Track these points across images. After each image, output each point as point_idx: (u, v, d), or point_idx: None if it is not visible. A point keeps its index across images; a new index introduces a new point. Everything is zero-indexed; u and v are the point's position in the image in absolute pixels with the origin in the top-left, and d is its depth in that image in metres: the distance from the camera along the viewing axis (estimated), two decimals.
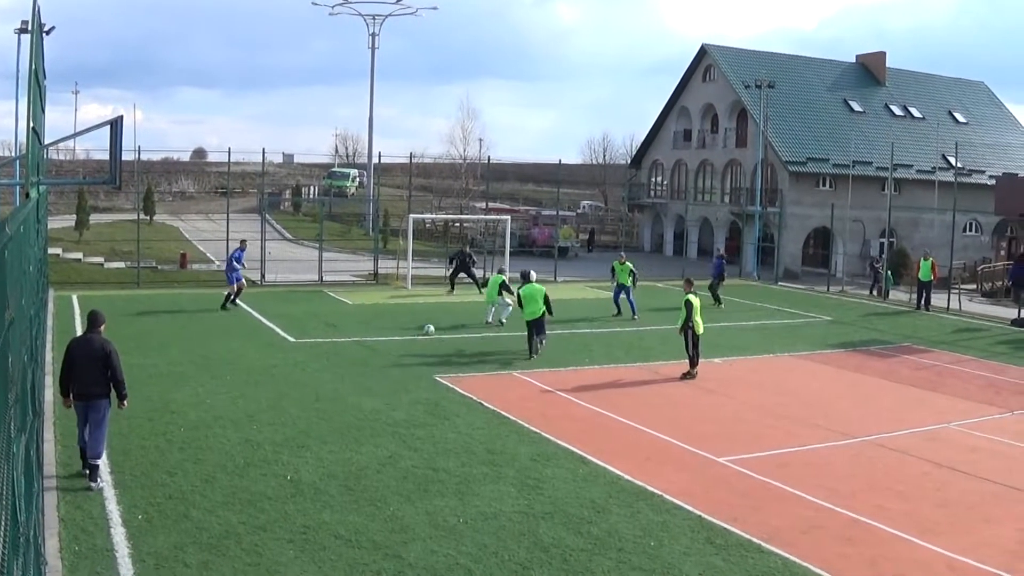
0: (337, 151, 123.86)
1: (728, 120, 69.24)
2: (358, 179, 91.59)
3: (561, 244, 58.97)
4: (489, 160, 60.16)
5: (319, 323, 33.40)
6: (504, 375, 25.44)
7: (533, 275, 29.86)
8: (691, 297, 26.56)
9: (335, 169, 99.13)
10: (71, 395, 15.42)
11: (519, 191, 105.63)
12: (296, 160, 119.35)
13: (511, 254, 48.67)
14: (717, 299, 41.87)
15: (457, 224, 68.61)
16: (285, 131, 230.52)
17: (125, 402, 15.86)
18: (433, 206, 74.95)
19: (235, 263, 36.81)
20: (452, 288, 44.38)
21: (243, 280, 37.27)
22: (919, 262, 45.38)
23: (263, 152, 50.30)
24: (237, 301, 36.50)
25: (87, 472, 15.32)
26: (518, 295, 29.58)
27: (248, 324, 32.91)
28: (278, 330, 31.44)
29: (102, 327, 15.82)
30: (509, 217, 52.31)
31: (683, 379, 25.80)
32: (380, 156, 54.73)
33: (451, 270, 45.50)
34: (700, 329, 26.35)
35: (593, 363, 27.65)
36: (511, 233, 50.83)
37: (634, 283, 37.38)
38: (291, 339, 29.88)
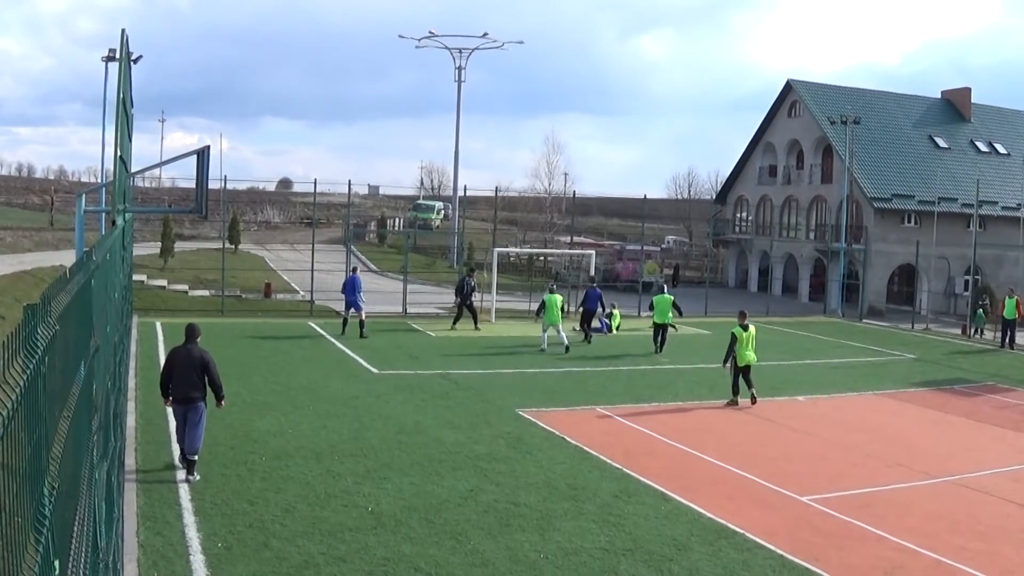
0: (422, 183, 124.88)
1: (813, 156, 68.62)
2: (443, 211, 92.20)
3: (645, 279, 58.64)
4: (574, 194, 60.26)
5: (402, 355, 33.46)
6: (587, 410, 25.26)
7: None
8: (736, 330, 27.55)
9: (420, 201, 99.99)
10: (171, 398, 17.42)
11: (603, 225, 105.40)
12: (381, 192, 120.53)
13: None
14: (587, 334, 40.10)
15: (542, 258, 68.64)
16: (370, 163, 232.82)
17: (223, 402, 17.89)
18: (518, 239, 75.12)
19: (357, 292, 37.62)
20: (455, 322, 42.20)
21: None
22: (1004, 300, 44.55)
23: (348, 183, 50.72)
24: (364, 333, 37.04)
25: (185, 467, 17.16)
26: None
27: (331, 355, 33.05)
28: (361, 361, 31.54)
29: (198, 338, 17.77)
30: (594, 252, 52.13)
31: (727, 407, 26.63)
32: (465, 189, 54.76)
33: (456, 300, 42.71)
34: (743, 360, 27.02)
35: (677, 399, 27.40)
36: (595, 267, 50.68)
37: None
38: (374, 370, 29.95)
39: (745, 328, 27.54)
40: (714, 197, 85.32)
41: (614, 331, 42.37)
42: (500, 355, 33.44)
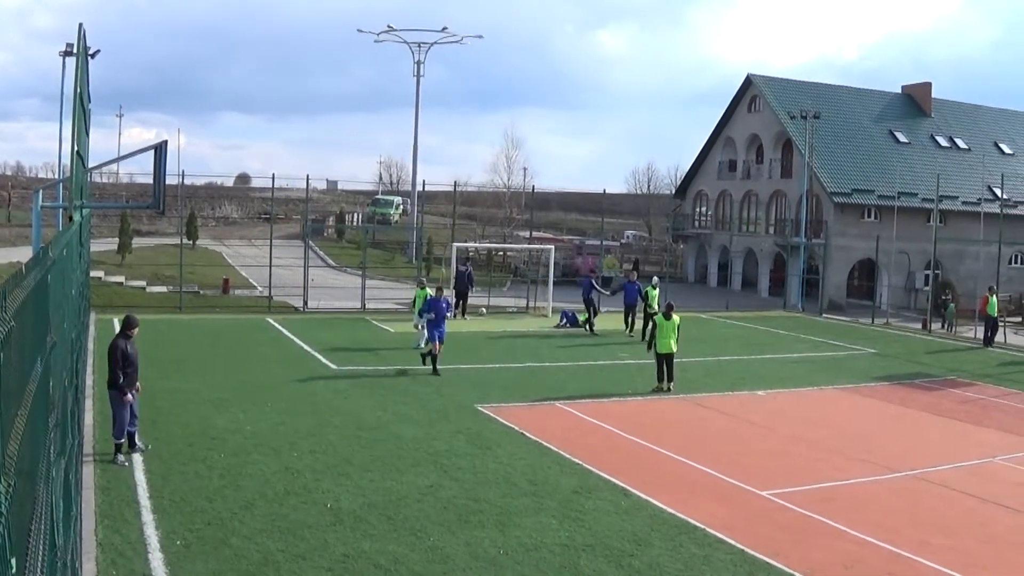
0: (381, 178, 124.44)
1: (773, 151, 68.94)
2: (402, 207, 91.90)
3: (605, 274, 58.75)
4: (533, 189, 60.43)
5: (362, 351, 33.42)
6: (546, 406, 25.32)
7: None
8: (658, 317, 30.11)
9: (379, 196, 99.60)
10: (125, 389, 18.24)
11: (562, 220, 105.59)
12: (340, 187, 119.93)
13: (554, 283, 48.57)
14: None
15: (500, 253, 68.64)
16: (329, 158, 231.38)
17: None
18: (477, 235, 75.02)
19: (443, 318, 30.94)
20: (463, 313, 44.62)
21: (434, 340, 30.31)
22: (986, 297, 44.20)
23: (307, 179, 50.78)
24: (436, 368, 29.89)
25: (130, 447, 18.44)
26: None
27: (290, 351, 32.98)
28: (320, 357, 31.48)
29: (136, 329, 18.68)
30: (553, 247, 52.24)
31: (653, 393, 27.70)
32: (424, 184, 54.77)
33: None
34: (663, 348, 28.27)
35: (636, 394, 27.49)
36: (555, 262, 50.73)
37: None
38: (333, 366, 29.90)
39: (668, 317, 28.54)
40: (673, 192, 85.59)
41: (585, 327, 42.54)
42: (459, 350, 33.44)
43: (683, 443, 21.60)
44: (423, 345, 32.51)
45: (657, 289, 39.72)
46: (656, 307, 37.56)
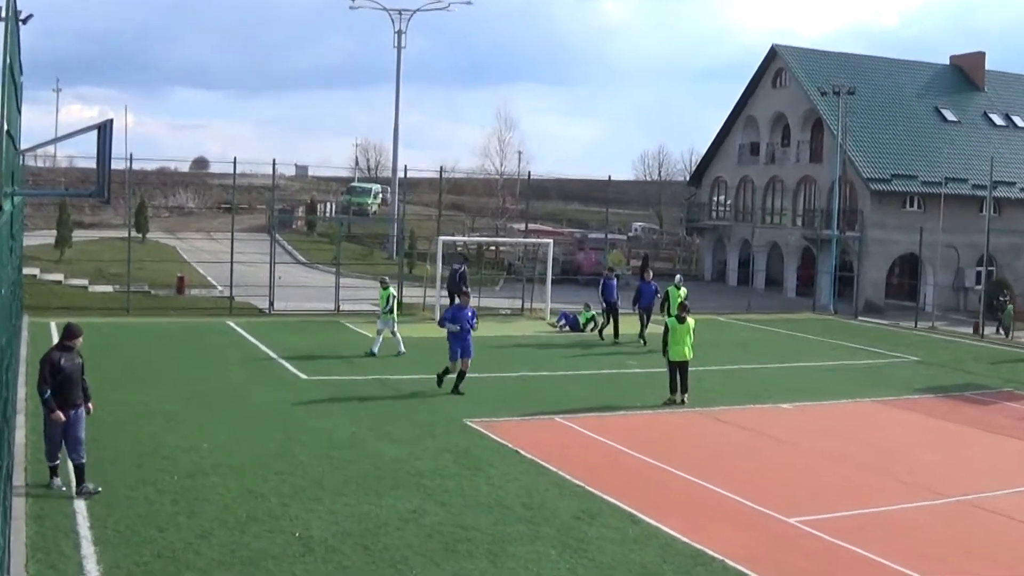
0: (357, 163, 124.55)
1: (801, 132, 68.87)
2: (381, 195, 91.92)
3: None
4: (529, 176, 60.35)
5: (335, 358, 33.39)
6: (545, 420, 25.28)
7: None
8: (669, 320, 29.67)
9: (355, 184, 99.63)
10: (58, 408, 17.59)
11: (562, 211, 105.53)
12: (310, 173, 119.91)
13: (553, 281, 48.56)
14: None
15: (493, 248, 68.66)
16: (298, 140, 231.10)
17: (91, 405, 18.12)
18: (466, 227, 75.11)
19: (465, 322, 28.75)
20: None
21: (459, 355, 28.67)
22: None
23: (273, 163, 50.24)
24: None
25: (76, 478, 17.56)
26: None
27: (253, 358, 32.93)
28: (288, 365, 31.43)
29: (79, 339, 18.16)
30: (551, 240, 52.19)
31: (664, 406, 27.61)
32: (406, 170, 54.78)
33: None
34: (676, 355, 28.03)
35: (646, 407, 27.45)
36: (553, 258, 50.71)
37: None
38: (303, 376, 29.87)
39: (681, 320, 28.34)
40: (688, 178, 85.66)
41: (585, 330, 42.53)
42: (445, 357, 33.43)
43: (698, 462, 21.54)
44: (375, 351, 33.71)
45: (683, 289, 37.80)
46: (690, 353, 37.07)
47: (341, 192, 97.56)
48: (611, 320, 40.65)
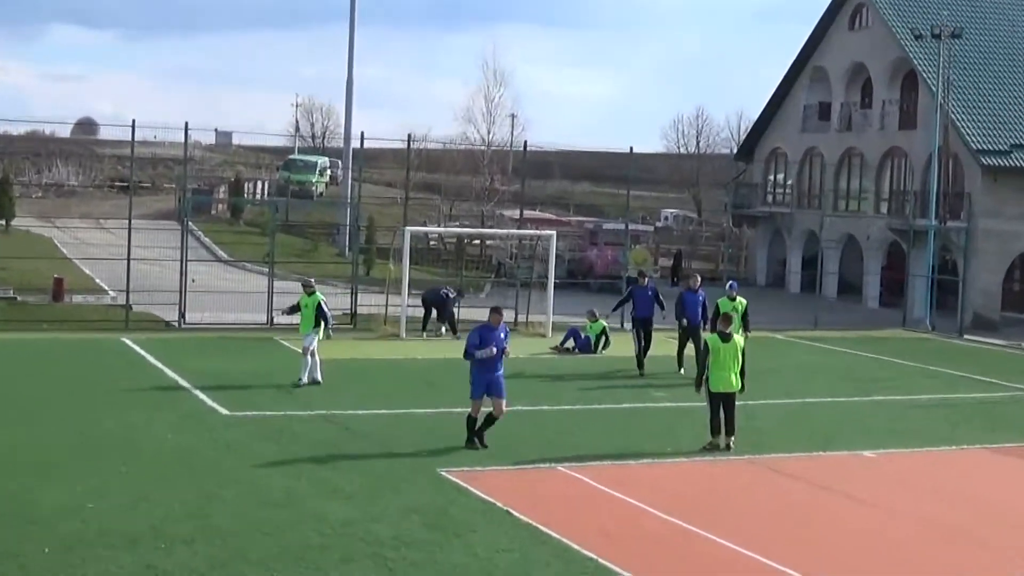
0: (298, 129, 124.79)
1: (888, 88, 68.77)
2: (329, 172, 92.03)
3: (631, 274, 58.68)
4: (525, 147, 60.08)
5: (267, 388, 33.38)
6: (544, 469, 25.22)
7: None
8: (710, 338, 28.65)
9: (295, 157, 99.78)
10: None
11: (568, 193, 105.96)
12: (236, 142, 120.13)
13: (557, 287, 48.52)
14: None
15: (477, 241, 68.63)
16: (218, 97, 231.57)
17: None
18: (442, 214, 75.10)
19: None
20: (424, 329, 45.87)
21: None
22: None
23: (185, 128, 49.98)
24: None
25: None
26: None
27: (157, 387, 32.87)
28: (204, 397, 31.36)
29: None
30: (555, 233, 52.10)
31: (705, 450, 27.54)
32: (363, 138, 54.39)
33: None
34: (720, 385, 27.50)
35: (679, 454, 27.40)
36: (558, 256, 50.66)
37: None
38: (224, 411, 29.82)
39: (726, 338, 28.01)
40: (735, 152, 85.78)
41: (599, 351, 42.46)
42: (413, 386, 33.38)
43: (748, 528, 21.46)
44: (305, 380, 33.27)
45: (741, 301, 37.93)
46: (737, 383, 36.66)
47: (277, 167, 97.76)
48: (643, 343, 40.01)
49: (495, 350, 26.56)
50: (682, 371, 38.73)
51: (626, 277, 54.99)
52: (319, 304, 33.82)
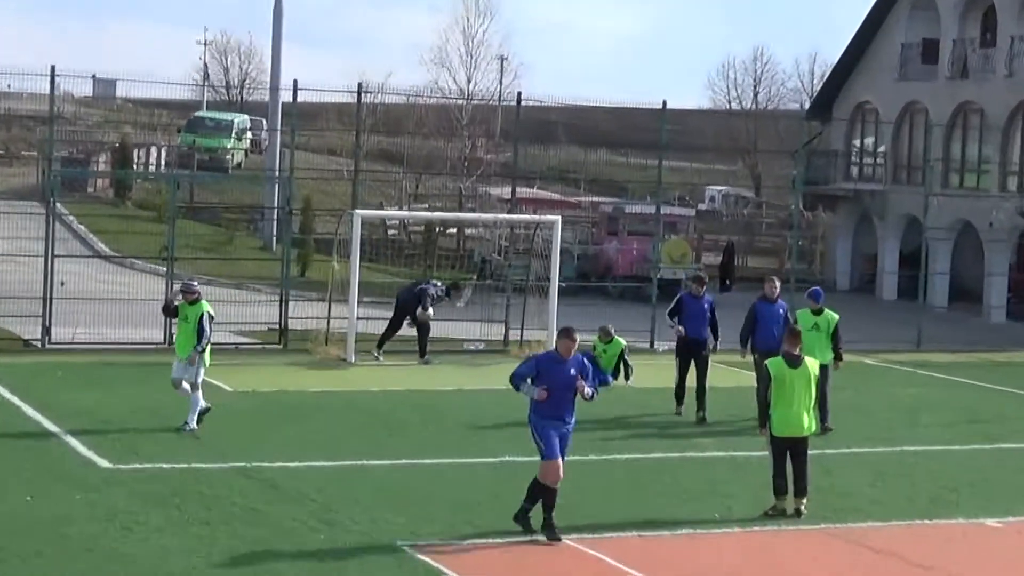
0: (207, 77, 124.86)
1: (1018, 21, 68.84)
2: (250, 135, 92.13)
3: (665, 274, 58.69)
4: (519, 101, 60.16)
5: (164, 431, 33.40)
6: (546, 544, 25.14)
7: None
8: (772, 363, 28.01)
9: (203, 114, 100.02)
10: None
11: (579, 164, 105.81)
12: (121, 93, 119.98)
13: (563, 292, 48.56)
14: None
15: (453, 230, 68.73)
16: (98, 31, 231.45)
17: None
18: (405, 193, 75.21)
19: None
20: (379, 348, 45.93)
21: None
22: None
23: (52, 74, 50.00)
24: None
25: None
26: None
27: (13, 431, 32.80)
28: (77, 445, 31.36)
29: None
30: (559, 218, 52.12)
31: (767, 516, 27.34)
32: (296, 88, 54.43)
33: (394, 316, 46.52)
34: (786, 428, 27.24)
35: (730, 521, 27.41)
36: (564, 249, 50.73)
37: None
38: (104, 463, 29.80)
39: (794, 363, 27.56)
40: (806, 108, 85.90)
41: (621, 380, 42.31)
42: (366, 430, 33.38)
43: None
44: (191, 424, 33.07)
45: (831, 316, 37.30)
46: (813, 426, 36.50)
47: (178, 129, 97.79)
48: (689, 372, 39.50)
49: (546, 393, 25.33)
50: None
51: (656, 279, 54.98)
52: (202, 316, 33.24)
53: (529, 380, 25.27)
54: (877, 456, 34.06)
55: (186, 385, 33.16)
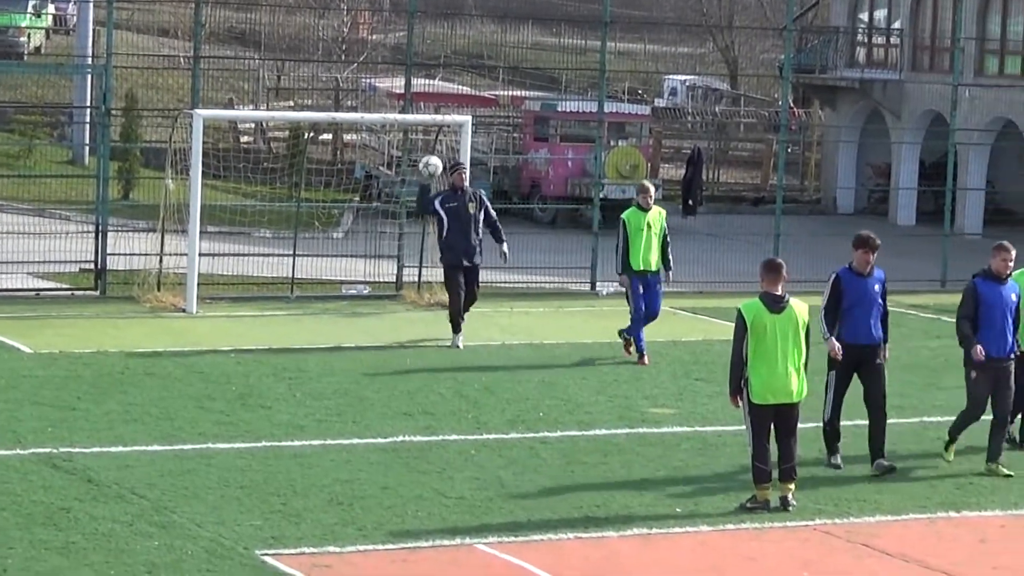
0: None
1: None
2: (51, 8, 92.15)
3: (608, 191, 58.87)
4: None
5: None
6: (450, 548, 25.28)
7: None
8: (745, 306, 28.27)
9: None
10: None
11: (496, 48, 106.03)
12: None
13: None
14: None
15: (327, 136, 68.92)
16: None
17: None
18: (263, 86, 75.35)
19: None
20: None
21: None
22: None
23: None
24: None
25: None
26: None
27: None
28: None
29: None
30: (468, 118, 52.21)
31: (745, 510, 27.81)
32: None
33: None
34: (772, 393, 27.50)
35: (696, 516, 27.61)
36: (475, 162, 50.87)
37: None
38: None
39: (776, 305, 27.72)
40: None
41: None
42: (212, 402, 33.54)
43: None
44: None
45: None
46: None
47: None
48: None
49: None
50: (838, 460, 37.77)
51: (598, 199, 55.15)
52: None
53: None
54: (888, 429, 34.15)
55: None
